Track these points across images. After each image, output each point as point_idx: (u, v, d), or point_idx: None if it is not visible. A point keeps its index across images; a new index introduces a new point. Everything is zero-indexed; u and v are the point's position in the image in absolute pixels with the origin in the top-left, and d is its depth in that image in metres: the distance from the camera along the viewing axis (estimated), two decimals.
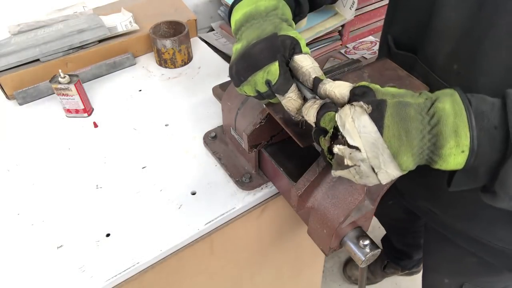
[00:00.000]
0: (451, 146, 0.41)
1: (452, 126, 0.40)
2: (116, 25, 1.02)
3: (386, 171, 0.42)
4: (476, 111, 0.41)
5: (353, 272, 1.60)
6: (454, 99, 0.41)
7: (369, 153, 0.41)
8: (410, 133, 0.41)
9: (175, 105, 0.90)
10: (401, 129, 0.41)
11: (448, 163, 0.42)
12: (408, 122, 0.41)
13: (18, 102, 0.90)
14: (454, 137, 0.40)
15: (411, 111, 0.41)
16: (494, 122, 0.40)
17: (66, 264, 0.62)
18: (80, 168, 0.76)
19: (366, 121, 0.41)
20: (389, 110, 0.41)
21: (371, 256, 0.56)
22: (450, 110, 0.41)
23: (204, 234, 0.68)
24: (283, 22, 0.55)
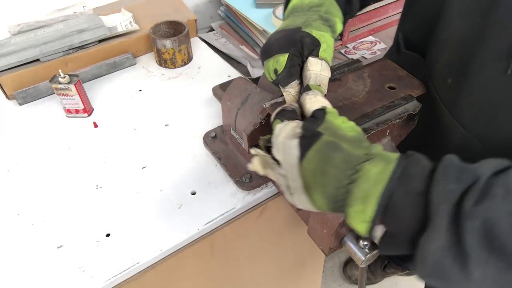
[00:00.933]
0: (355, 210, 0.40)
1: (364, 192, 0.39)
2: (116, 25, 1.02)
3: (299, 198, 0.43)
4: (404, 174, 0.38)
5: (353, 272, 1.60)
6: (387, 167, 0.39)
7: (288, 173, 0.43)
8: (326, 177, 0.40)
9: (175, 105, 0.90)
10: (319, 168, 0.41)
11: (353, 225, 0.41)
12: (328, 165, 0.40)
13: (18, 102, 0.90)
14: (362, 203, 0.39)
15: (337, 157, 0.40)
16: (419, 188, 0.38)
17: (66, 264, 0.62)
18: (80, 168, 0.76)
19: (293, 144, 0.42)
20: (317, 146, 0.41)
21: (371, 256, 0.56)
22: (372, 176, 0.39)
23: (204, 234, 0.68)
24: (318, 20, 0.55)
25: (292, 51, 0.52)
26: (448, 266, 0.36)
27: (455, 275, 0.36)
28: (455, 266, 0.35)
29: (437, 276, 0.37)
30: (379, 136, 0.62)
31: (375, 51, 1.16)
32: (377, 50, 1.17)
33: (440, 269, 0.36)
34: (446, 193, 0.36)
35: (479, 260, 0.34)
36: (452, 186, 0.36)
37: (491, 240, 0.34)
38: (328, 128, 0.43)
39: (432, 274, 0.37)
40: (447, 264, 0.36)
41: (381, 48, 1.17)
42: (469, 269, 0.35)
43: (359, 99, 0.65)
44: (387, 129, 0.62)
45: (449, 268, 0.36)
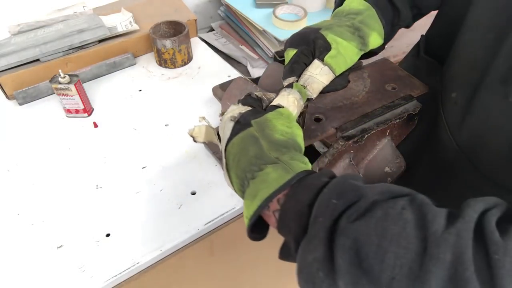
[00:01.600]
0: (245, 203, 0.42)
1: (255, 190, 0.41)
2: (116, 25, 1.02)
3: (225, 174, 0.47)
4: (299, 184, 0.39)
5: None
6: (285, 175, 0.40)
7: (221, 150, 0.47)
8: (238, 165, 0.43)
9: (175, 105, 0.90)
10: (237, 155, 0.44)
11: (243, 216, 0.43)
12: (242, 155, 0.43)
13: (18, 102, 0.90)
14: (250, 199, 0.41)
15: (251, 150, 0.43)
16: (308, 199, 0.38)
17: (66, 264, 0.62)
18: (80, 168, 0.76)
19: (229, 126, 0.46)
20: (242, 134, 0.44)
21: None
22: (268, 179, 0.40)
23: (204, 234, 0.68)
24: (346, 27, 0.55)
25: (301, 49, 0.53)
26: (320, 280, 0.35)
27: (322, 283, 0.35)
28: (326, 281, 0.35)
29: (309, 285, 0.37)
30: (379, 136, 0.62)
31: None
32: None
33: (313, 281, 0.36)
34: (327, 207, 0.36)
35: (347, 278, 0.34)
36: (334, 201, 0.36)
37: (360, 260, 0.33)
38: (260, 123, 0.45)
39: (306, 285, 0.37)
40: (319, 277, 0.35)
41: None
42: (338, 285, 0.34)
43: (359, 99, 0.65)
44: (387, 129, 0.62)
45: (321, 282, 0.35)
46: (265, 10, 1.09)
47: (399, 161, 0.62)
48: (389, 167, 0.62)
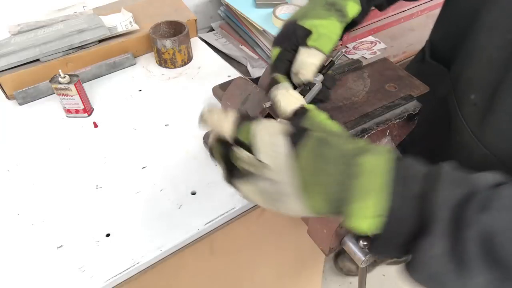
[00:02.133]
0: (357, 207, 0.36)
1: (365, 187, 0.36)
2: (116, 25, 1.02)
3: (291, 203, 0.38)
4: (400, 176, 0.36)
5: (345, 263, 1.61)
6: (381, 159, 0.37)
7: (278, 176, 0.37)
8: (324, 175, 0.37)
9: (175, 105, 0.90)
10: (316, 166, 0.37)
11: (353, 223, 0.37)
12: (325, 163, 0.37)
13: (18, 102, 0.90)
14: (364, 199, 0.36)
15: (331, 153, 0.37)
16: (415, 190, 0.36)
17: (66, 264, 0.62)
18: (80, 168, 0.76)
19: (280, 141, 0.38)
20: (309, 142, 0.38)
21: (371, 256, 0.56)
22: (371, 169, 0.36)
23: (204, 234, 0.68)
24: (319, 7, 0.55)
25: (284, 47, 0.53)
26: (446, 273, 0.35)
27: (452, 282, 0.35)
28: (453, 274, 0.34)
29: (434, 282, 0.36)
30: (379, 136, 0.62)
31: (375, 51, 1.16)
32: (377, 50, 1.16)
33: (437, 276, 0.36)
34: (446, 199, 0.35)
35: (478, 269, 0.33)
36: (452, 192, 0.35)
37: (491, 251, 0.33)
38: (314, 124, 0.41)
39: (429, 280, 0.37)
40: (445, 271, 0.35)
41: (381, 48, 1.17)
42: (466, 278, 0.34)
43: (359, 99, 0.65)
44: (387, 129, 0.62)
45: (447, 275, 0.35)
46: (265, 10, 1.09)
47: None
48: None
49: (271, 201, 0.39)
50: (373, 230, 0.36)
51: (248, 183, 0.40)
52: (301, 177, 0.37)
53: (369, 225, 0.36)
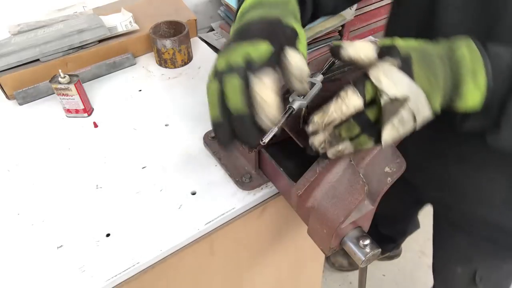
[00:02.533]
0: (469, 86, 0.45)
1: (470, 68, 0.45)
2: (116, 25, 1.02)
3: (423, 114, 0.46)
4: (492, 53, 0.45)
5: (336, 258, 1.61)
6: (469, 46, 0.46)
7: (411, 99, 0.44)
8: (438, 76, 0.45)
9: (175, 105, 0.90)
10: (430, 74, 0.45)
11: (467, 102, 0.46)
12: (434, 67, 0.45)
13: (18, 102, 0.90)
14: (473, 77, 0.45)
15: (435, 58, 0.45)
16: (508, 61, 0.45)
17: (66, 264, 0.62)
18: (80, 168, 0.76)
19: (397, 74, 0.44)
20: (415, 64, 0.45)
21: (371, 256, 0.57)
22: (467, 56, 0.45)
23: (204, 234, 0.68)
24: (290, 14, 0.52)
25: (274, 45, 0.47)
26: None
27: None
28: None
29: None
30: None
31: None
32: None
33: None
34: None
35: None
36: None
37: None
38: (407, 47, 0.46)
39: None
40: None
41: None
42: None
43: None
44: None
45: None
46: None
47: (399, 161, 0.62)
48: (389, 167, 0.62)
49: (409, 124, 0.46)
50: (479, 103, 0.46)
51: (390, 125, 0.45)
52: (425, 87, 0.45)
53: (477, 99, 0.46)
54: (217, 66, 0.48)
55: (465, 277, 0.94)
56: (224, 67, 0.47)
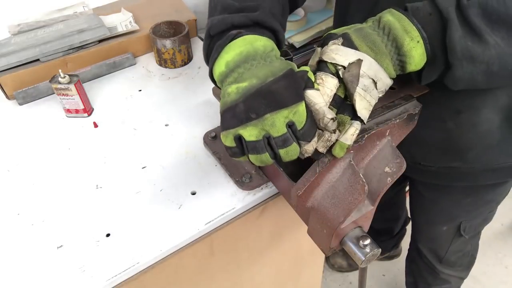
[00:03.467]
0: (408, 42, 0.51)
1: (401, 28, 0.51)
2: (116, 25, 1.02)
3: (382, 80, 0.52)
4: (412, 9, 0.52)
5: (336, 259, 1.62)
6: (392, 12, 0.52)
7: (364, 64, 0.50)
8: (377, 43, 0.51)
9: (175, 105, 0.90)
10: (369, 43, 0.51)
11: (413, 57, 0.52)
12: (370, 37, 0.52)
13: (18, 102, 0.90)
14: (406, 34, 0.51)
15: (367, 30, 0.52)
16: (428, 10, 0.52)
17: (66, 264, 0.62)
18: (80, 168, 0.76)
19: (343, 48, 0.51)
20: (353, 36, 0.51)
21: (371, 256, 0.57)
22: (393, 19, 0.52)
23: (204, 234, 0.68)
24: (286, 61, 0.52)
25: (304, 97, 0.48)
26: (471, 44, 0.50)
27: (477, 48, 0.50)
28: (475, 41, 0.50)
29: (466, 56, 0.51)
30: (379, 136, 0.62)
31: None
32: None
33: (466, 49, 0.50)
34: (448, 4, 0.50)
35: (487, 30, 0.49)
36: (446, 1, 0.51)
37: (489, 15, 0.49)
38: (341, 30, 0.54)
39: (462, 56, 0.51)
40: (469, 43, 0.50)
41: None
42: (484, 39, 0.49)
43: None
44: (387, 129, 0.62)
45: (472, 45, 0.50)
46: None
47: (399, 161, 0.62)
48: (389, 167, 0.62)
49: (373, 91, 0.52)
50: (424, 54, 0.52)
51: (357, 95, 0.50)
52: (371, 55, 0.51)
53: (420, 51, 0.52)
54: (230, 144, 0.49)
55: (451, 231, 1.01)
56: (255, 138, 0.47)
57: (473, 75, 0.53)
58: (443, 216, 1.00)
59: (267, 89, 0.46)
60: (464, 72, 0.52)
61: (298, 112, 0.46)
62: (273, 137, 0.46)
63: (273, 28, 0.56)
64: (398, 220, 1.45)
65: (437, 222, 1.02)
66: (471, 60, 0.51)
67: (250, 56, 0.50)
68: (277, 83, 0.46)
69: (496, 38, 0.50)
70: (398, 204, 1.39)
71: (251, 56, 0.50)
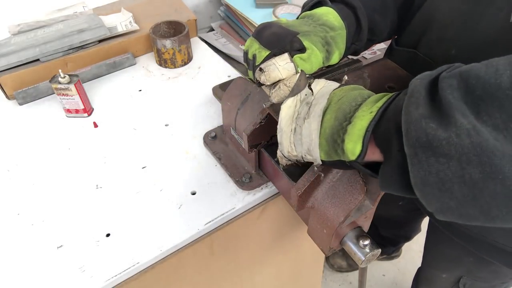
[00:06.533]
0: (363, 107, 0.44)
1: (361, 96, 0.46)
2: (116, 25, 1.02)
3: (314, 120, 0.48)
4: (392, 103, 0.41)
5: (335, 260, 1.61)
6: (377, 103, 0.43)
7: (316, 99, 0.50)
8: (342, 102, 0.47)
9: (175, 105, 0.90)
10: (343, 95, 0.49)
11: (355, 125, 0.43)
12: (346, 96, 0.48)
13: (18, 102, 0.90)
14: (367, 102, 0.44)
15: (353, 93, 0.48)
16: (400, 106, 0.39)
17: (66, 264, 0.62)
18: (80, 168, 0.76)
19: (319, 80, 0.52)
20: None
21: (371, 256, 0.56)
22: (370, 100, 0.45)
23: (204, 234, 0.68)
24: (320, 38, 0.58)
25: (274, 52, 0.55)
26: (433, 126, 0.34)
27: (441, 132, 0.33)
28: (441, 123, 0.33)
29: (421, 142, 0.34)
30: None
31: (375, 51, 1.16)
32: (377, 50, 1.16)
33: (424, 132, 0.34)
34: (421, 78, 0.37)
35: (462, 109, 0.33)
36: (426, 74, 0.38)
37: (473, 89, 0.33)
38: None
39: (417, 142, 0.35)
40: (431, 124, 0.34)
41: (381, 48, 1.17)
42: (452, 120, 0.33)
43: None
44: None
45: (434, 127, 0.34)
46: (265, 10, 1.09)
47: None
48: None
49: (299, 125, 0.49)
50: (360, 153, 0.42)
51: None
52: (330, 101, 0.48)
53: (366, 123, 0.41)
54: None
55: (449, 281, 0.95)
56: None
57: (442, 180, 0.34)
58: (444, 264, 0.94)
59: (269, 27, 0.58)
60: (423, 171, 0.35)
61: (261, 54, 0.56)
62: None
63: (352, 4, 0.62)
64: (409, 238, 1.43)
65: (438, 267, 0.97)
66: (429, 149, 0.34)
67: (313, 16, 0.61)
68: (275, 28, 0.57)
69: (479, 123, 0.32)
70: (410, 227, 1.36)
71: (313, 16, 0.61)
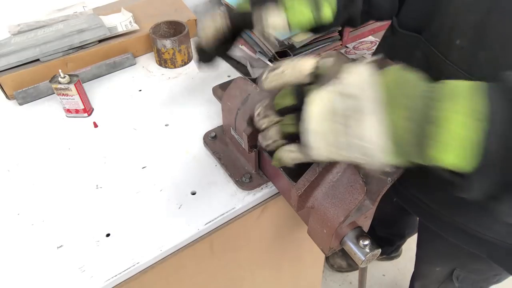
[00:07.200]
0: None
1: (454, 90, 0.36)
2: (116, 25, 1.02)
3: (370, 122, 0.35)
4: None
5: (335, 260, 1.61)
6: None
7: (358, 90, 0.37)
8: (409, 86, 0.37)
9: (175, 105, 0.90)
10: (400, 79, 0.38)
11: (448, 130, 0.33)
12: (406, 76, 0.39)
13: (18, 102, 0.90)
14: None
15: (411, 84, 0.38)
16: None
17: (66, 264, 0.62)
18: (80, 168, 0.76)
19: (363, 67, 0.39)
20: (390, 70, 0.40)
21: (371, 256, 0.57)
22: None
23: (204, 234, 0.68)
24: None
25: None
26: None
27: None
28: None
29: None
30: None
31: (376, 41, 1.16)
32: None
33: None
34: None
35: None
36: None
37: None
38: None
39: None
40: None
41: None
42: None
43: None
44: None
45: None
46: None
47: None
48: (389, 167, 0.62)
49: (342, 123, 0.34)
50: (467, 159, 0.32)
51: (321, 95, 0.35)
52: (386, 91, 0.34)
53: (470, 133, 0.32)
54: None
55: (442, 273, 0.96)
56: None
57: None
58: (437, 258, 0.95)
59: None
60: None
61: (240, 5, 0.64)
62: None
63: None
64: (404, 236, 1.43)
65: (432, 262, 0.97)
66: None
67: None
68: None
69: None
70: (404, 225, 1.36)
71: None
